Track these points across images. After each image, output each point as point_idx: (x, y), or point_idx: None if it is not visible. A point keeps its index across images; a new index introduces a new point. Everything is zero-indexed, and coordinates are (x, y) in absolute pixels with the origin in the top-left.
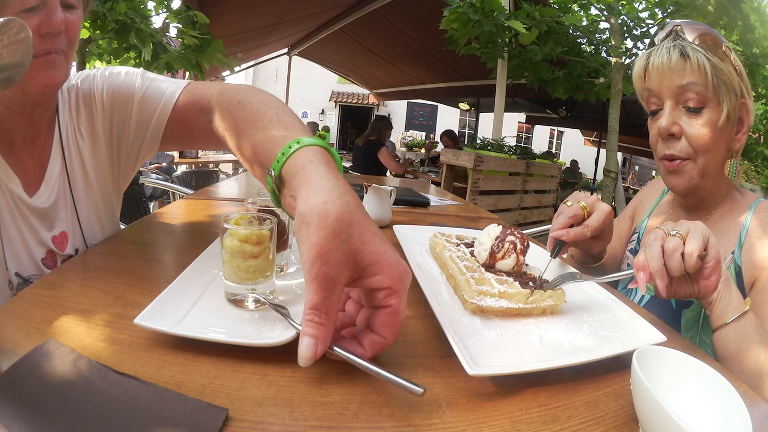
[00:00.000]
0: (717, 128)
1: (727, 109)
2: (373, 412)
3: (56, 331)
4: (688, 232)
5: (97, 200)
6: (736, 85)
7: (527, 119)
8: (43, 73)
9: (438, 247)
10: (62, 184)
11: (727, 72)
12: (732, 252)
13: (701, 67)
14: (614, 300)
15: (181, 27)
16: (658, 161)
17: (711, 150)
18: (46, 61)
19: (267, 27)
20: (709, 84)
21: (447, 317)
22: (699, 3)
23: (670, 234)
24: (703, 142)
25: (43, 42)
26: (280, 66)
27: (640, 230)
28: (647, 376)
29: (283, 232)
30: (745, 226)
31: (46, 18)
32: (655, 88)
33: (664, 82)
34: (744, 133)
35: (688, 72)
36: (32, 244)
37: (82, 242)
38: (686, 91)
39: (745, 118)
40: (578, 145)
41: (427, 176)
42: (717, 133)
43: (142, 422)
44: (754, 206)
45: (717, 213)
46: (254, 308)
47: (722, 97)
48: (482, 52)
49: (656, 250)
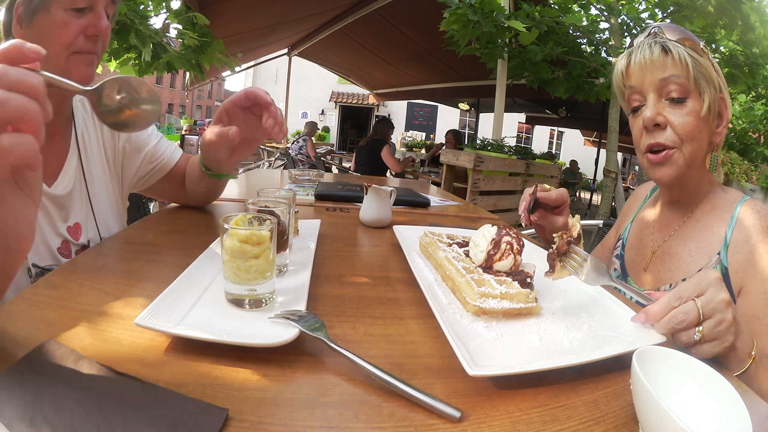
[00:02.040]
0: (700, 118)
1: (708, 100)
2: (373, 412)
3: (56, 331)
4: (713, 312)
5: (109, 195)
6: (715, 79)
7: (527, 119)
8: (82, 69)
9: (431, 247)
10: (78, 177)
11: (706, 66)
12: (717, 253)
13: (682, 60)
14: (614, 300)
15: (181, 28)
16: (642, 156)
17: (696, 138)
18: (86, 59)
19: (267, 27)
20: (691, 76)
21: (447, 318)
22: (699, 3)
23: (699, 308)
24: (688, 130)
25: (86, 42)
26: (280, 66)
27: (623, 237)
28: (647, 376)
29: (283, 232)
30: (731, 226)
31: (95, 21)
32: (637, 84)
33: (647, 77)
34: (724, 127)
35: (669, 65)
36: (48, 233)
37: (96, 232)
38: (669, 84)
39: (724, 112)
40: (578, 145)
41: (428, 176)
42: (701, 123)
43: (142, 422)
44: (740, 205)
45: (700, 210)
46: (253, 309)
47: (703, 88)
48: (482, 53)
49: (676, 318)
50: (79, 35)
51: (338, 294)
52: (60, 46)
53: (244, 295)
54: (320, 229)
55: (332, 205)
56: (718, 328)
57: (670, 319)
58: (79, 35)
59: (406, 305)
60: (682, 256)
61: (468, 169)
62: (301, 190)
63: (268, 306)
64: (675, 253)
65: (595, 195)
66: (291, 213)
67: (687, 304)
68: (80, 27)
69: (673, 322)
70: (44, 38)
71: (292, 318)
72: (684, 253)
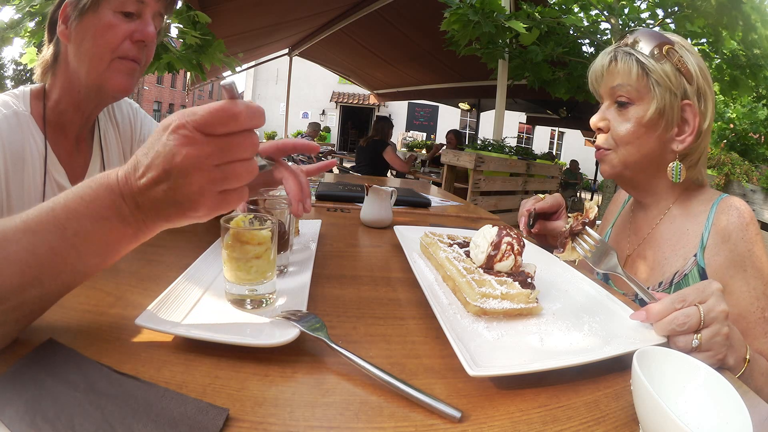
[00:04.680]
0: (642, 123)
1: (656, 106)
2: (373, 412)
3: (56, 331)
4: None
5: None
6: (674, 86)
7: (528, 120)
8: (122, 77)
9: (431, 247)
10: None
11: (662, 73)
12: (694, 255)
13: (629, 70)
14: (615, 300)
15: (182, 27)
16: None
17: (631, 143)
18: (128, 67)
19: (268, 27)
20: (638, 84)
21: (447, 318)
22: (699, 3)
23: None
24: (622, 135)
25: (132, 48)
26: (280, 66)
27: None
28: (648, 376)
29: (283, 233)
30: (707, 227)
31: (142, 27)
32: (597, 91)
33: (600, 86)
34: (689, 135)
35: (616, 74)
36: None
37: None
38: (617, 91)
39: (691, 120)
40: (579, 145)
41: (428, 177)
42: (640, 128)
43: (142, 422)
44: (716, 205)
45: (672, 213)
46: (254, 309)
47: (653, 95)
48: (483, 53)
49: (677, 320)
50: (125, 39)
51: (339, 294)
52: (105, 47)
53: (245, 296)
54: (321, 229)
55: (333, 206)
56: (715, 338)
57: (671, 320)
58: (125, 39)
59: (406, 305)
60: (656, 259)
61: (469, 169)
62: None
63: (268, 306)
64: (649, 257)
65: (596, 195)
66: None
67: (690, 308)
68: (127, 31)
69: (674, 324)
70: (90, 38)
71: (292, 318)
72: (659, 257)
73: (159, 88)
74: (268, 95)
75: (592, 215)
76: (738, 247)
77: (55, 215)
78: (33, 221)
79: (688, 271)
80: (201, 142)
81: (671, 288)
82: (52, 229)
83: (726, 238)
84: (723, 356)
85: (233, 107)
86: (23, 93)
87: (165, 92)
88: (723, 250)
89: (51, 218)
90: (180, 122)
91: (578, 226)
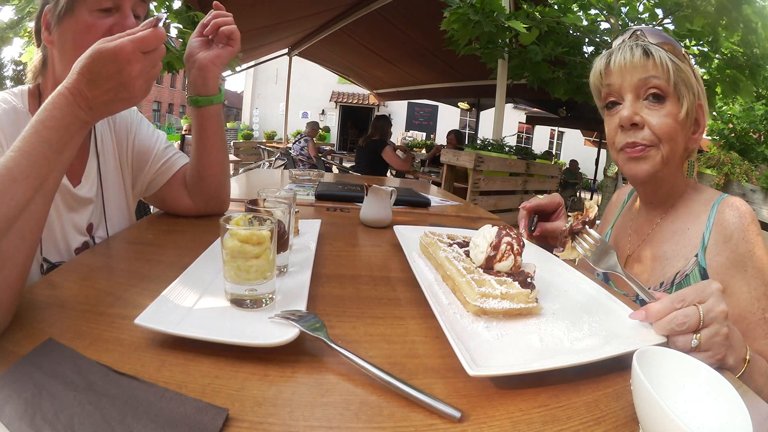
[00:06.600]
0: (678, 121)
1: (686, 105)
2: (373, 412)
3: (56, 331)
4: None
5: (120, 198)
6: (694, 85)
7: (527, 119)
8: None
9: (431, 247)
10: (97, 180)
11: (687, 72)
12: (695, 255)
13: (663, 64)
14: (614, 300)
15: (182, 27)
16: (617, 153)
17: (673, 139)
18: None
19: (267, 27)
20: (671, 80)
21: (447, 318)
22: (699, 3)
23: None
24: (666, 130)
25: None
26: (280, 66)
27: None
28: (647, 376)
29: (283, 233)
30: (708, 227)
31: (120, 21)
32: (616, 84)
33: (626, 78)
34: (700, 134)
35: (650, 68)
36: (70, 232)
37: (105, 235)
38: (648, 84)
39: (701, 120)
40: (578, 145)
41: (428, 176)
42: (678, 126)
43: (142, 422)
44: (717, 205)
45: (674, 213)
46: (254, 308)
47: (682, 93)
48: (482, 53)
49: (677, 320)
50: (105, 36)
51: (338, 294)
52: (84, 48)
53: (245, 295)
54: (320, 229)
55: (332, 205)
56: (714, 339)
57: (671, 319)
58: (105, 36)
59: (406, 305)
60: (658, 259)
61: (468, 169)
62: (302, 190)
63: (268, 306)
64: (651, 257)
65: (596, 195)
66: (291, 213)
67: (689, 307)
68: (106, 27)
69: (673, 323)
70: (71, 42)
71: (292, 318)
72: (660, 256)
73: (158, 88)
74: (268, 95)
75: (592, 215)
76: (739, 248)
77: (40, 136)
78: (25, 146)
79: (690, 272)
80: (141, 59)
81: (672, 288)
82: (43, 144)
83: (727, 239)
84: (722, 356)
85: (159, 31)
86: (21, 91)
87: (164, 92)
88: (724, 250)
89: (37, 139)
90: (129, 50)
91: (578, 225)
